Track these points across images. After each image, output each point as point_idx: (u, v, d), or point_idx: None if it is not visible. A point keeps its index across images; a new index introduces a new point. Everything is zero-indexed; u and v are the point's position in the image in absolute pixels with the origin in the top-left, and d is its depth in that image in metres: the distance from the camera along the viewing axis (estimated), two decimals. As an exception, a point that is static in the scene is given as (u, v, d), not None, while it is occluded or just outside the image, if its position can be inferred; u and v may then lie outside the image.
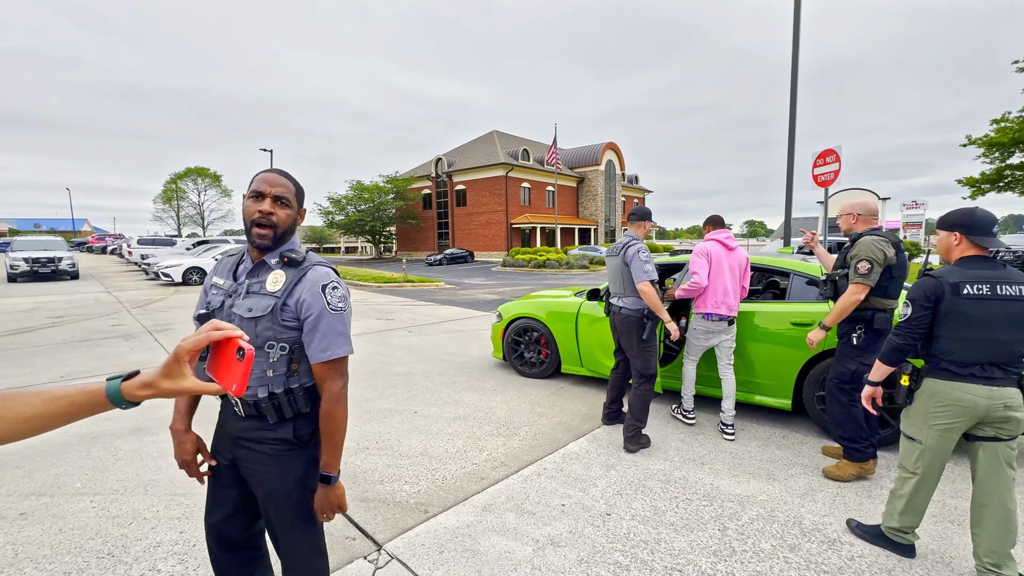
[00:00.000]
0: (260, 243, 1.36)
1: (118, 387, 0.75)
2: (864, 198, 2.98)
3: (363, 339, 7.40)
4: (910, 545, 2.19)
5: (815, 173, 7.40)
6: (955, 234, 2.06)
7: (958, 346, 1.97)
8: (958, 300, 1.95)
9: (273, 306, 1.33)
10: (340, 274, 1.47)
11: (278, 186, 1.35)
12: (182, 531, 2.43)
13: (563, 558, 2.21)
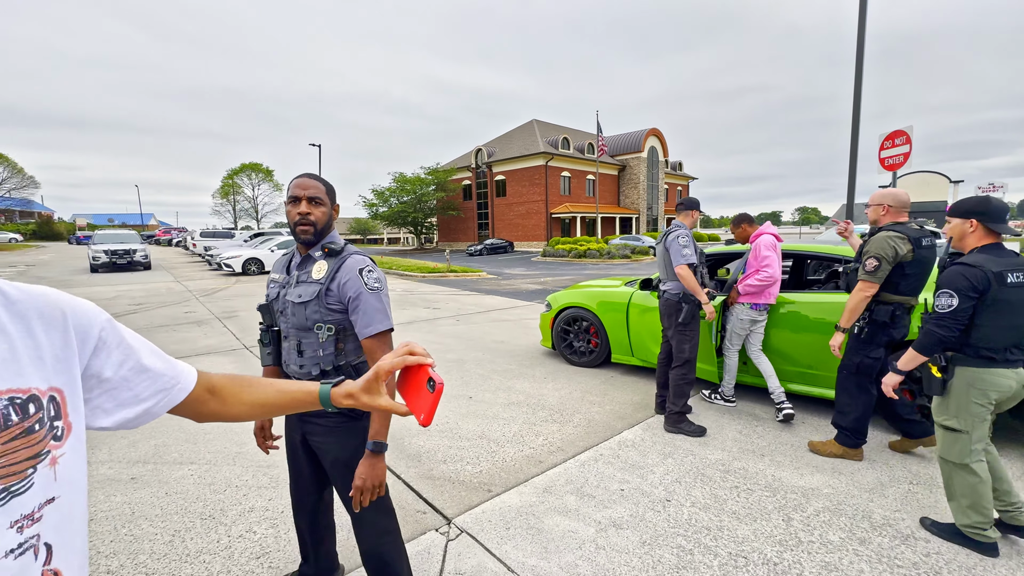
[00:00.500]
0: (304, 239, 1.55)
1: (328, 392, 0.81)
2: (896, 190, 2.87)
3: (413, 327, 7.66)
4: (992, 543, 2.11)
5: (882, 156, 6.97)
6: (971, 221, 2.11)
7: (996, 333, 2.03)
8: (1004, 288, 2.00)
9: (319, 291, 1.52)
10: (378, 263, 1.64)
11: (310, 188, 1.53)
12: (271, 498, 2.67)
13: (626, 539, 2.27)
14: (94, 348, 0.64)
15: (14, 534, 0.51)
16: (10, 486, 0.52)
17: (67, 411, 0.60)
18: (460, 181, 44.11)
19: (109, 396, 0.66)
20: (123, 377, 0.67)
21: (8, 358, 0.54)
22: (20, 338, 0.56)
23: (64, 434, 0.59)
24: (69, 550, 0.59)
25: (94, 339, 0.64)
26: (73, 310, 0.63)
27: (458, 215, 43.53)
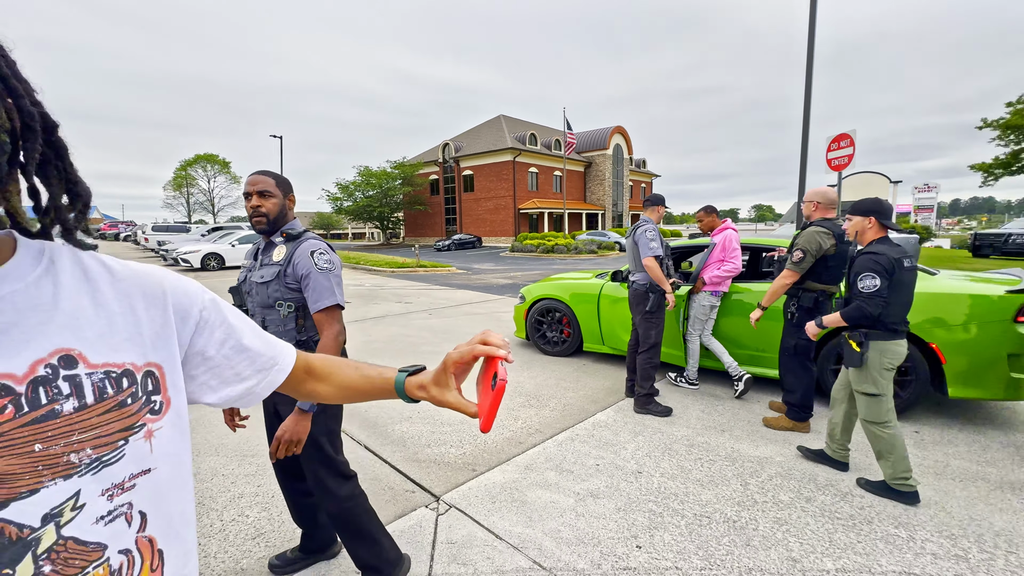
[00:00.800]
0: (259, 229, 1.75)
1: (403, 381, 0.77)
2: (825, 188, 3.27)
3: (386, 321, 7.68)
4: (913, 492, 2.44)
5: (829, 157, 7.51)
6: (870, 219, 2.53)
7: (897, 310, 2.45)
8: (902, 272, 2.42)
9: (278, 272, 1.72)
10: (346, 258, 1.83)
11: (259, 183, 1.71)
12: (259, 484, 2.73)
13: (603, 507, 2.48)
14: (195, 327, 0.65)
15: (105, 502, 0.53)
16: (102, 456, 0.53)
17: (166, 386, 0.61)
18: (427, 176, 43.69)
19: (213, 374, 0.68)
20: (225, 356, 0.69)
21: (106, 332, 0.56)
22: (121, 314, 0.58)
23: (163, 408, 0.60)
24: (164, 519, 0.60)
25: (195, 318, 0.65)
26: (174, 289, 0.64)
27: (425, 210, 43.14)
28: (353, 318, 7.93)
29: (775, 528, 2.29)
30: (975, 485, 2.63)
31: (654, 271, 3.65)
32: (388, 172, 39.95)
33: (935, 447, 3.08)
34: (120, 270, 0.61)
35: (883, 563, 2.04)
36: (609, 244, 27.05)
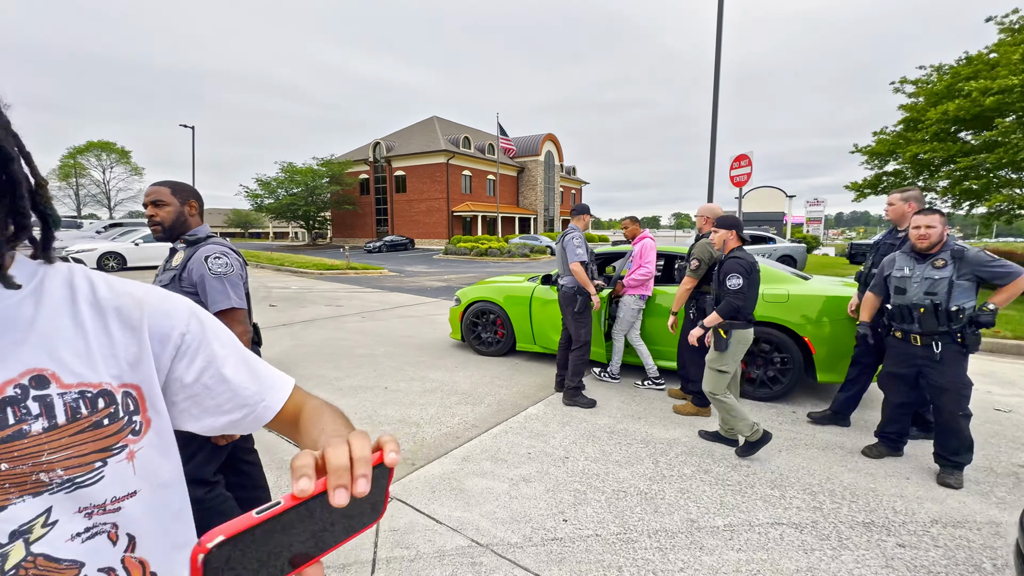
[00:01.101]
0: (157, 237, 1.86)
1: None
2: (713, 205, 3.92)
3: (316, 325, 7.50)
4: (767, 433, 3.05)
5: (731, 174, 8.45)
6: (731, 232, 3.16)
7: (751, 304, 3.07)
8: (755, 273, 3.05)
9: (174, 276, 1.79)
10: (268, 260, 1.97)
11: (152, 194, 1.82)
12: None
13: (534, 489, 2.74)
14: (176, 351, 0.62)
15: (81, 519, 0.52)
16: (75, 477, 0.52)
17: (146, 407, 0.59)
18: (357, 174, 42.29)
19: (193, 402, 0.64)
20: (204, 385, 0.64)
21: (83, 352, 0.55)
22: (95, 334, 0.57)
23: (143, 429, 0.59)
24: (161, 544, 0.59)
25: (175, 342, 0.62)
26: (154, 311, 0.62)
27: (355, 210, 41.72)
28: (280, 322, 7.65)
29: (679, 496, 2.67)
30: (833, 452, 3.22)
31: (580, 275, 3.99)
32: (315, 170, 38.21)
33: (807, 423, 3.68)
34: (101, 288, 0.60)
35: (760, 517, 2.48)
36: (541, 248, 27.85)
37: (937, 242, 2.78)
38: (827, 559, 2.16)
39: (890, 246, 3.36)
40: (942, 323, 2.71)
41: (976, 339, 2.72)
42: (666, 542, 2.28)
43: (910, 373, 2.93)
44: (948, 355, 2.75)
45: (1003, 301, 2.72)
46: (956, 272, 2.70)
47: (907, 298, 2.84)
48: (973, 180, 9.83)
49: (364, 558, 2.15)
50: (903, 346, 2.91)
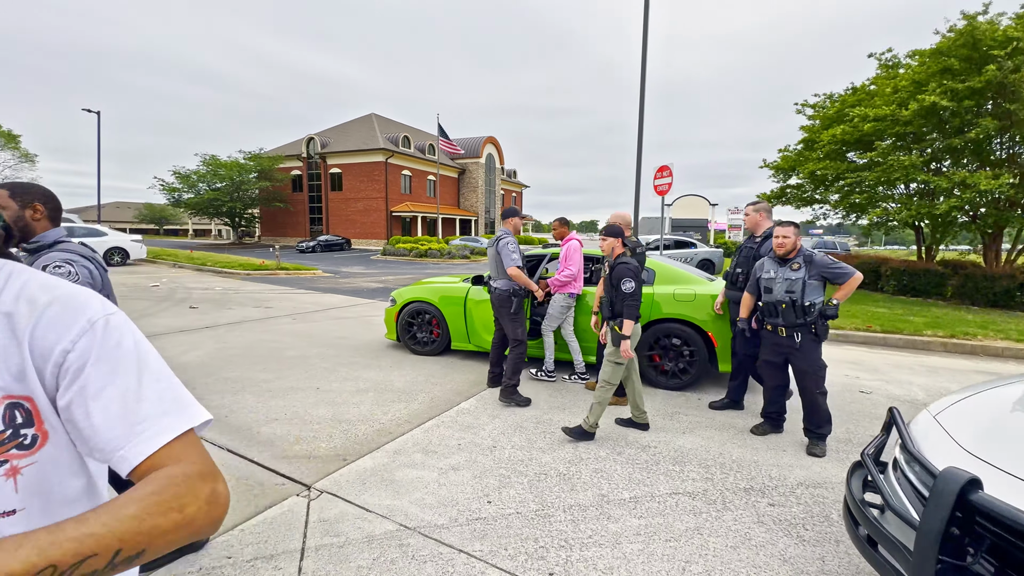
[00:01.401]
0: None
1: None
2: (623, 212, 4.41)
3: (243, 327, 7.20)
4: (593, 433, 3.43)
5: (655, 184, 9.10)
6: (619, 240, 3.52)
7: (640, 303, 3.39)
8: (640, 276, 3.38)
9: None
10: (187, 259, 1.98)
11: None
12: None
13: (462, 476, 2.91)
14: (57, 371, 0.56)
15: None
16: None
17: (40, 420, 0.55)
18: (289, 171, 40.28)
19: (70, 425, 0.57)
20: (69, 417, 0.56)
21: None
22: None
23: (36, 443, 0.54)
24: None
25: (55, 360, 0.56)
26: (44, 322, 0.56)
27: (286, 208, 39.71)
28: (203, 324, 7.26)
29: (593, 475, 2.96)
30: (727, 432, 3.67)
31: (521, 278, 4.20)
32: (241, 164, 35.97)
33: (708, 410, 4.14)
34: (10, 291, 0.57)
35: (661, 489, 2.81)
36: (482, 249, 28.03)
37: (792, 249, 3.30)
38: (712, 519, 2.52)
39: (749, 249, 3.91)
40: (799, 316, 3.22)
41: (825, 329, 3.27)
42: (579, 515, 2.54)
43: (779, 360, 3.43)
44: (806, 343, 3.26)
45: (842, 296, 3.28)
46: (807, 273, 3.22)
47: (773, 296, 3.33)
48: (857, 195, 11.25)
49: (292, 547, 2.22)
50: (772, 337, 3.41)
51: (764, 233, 3.89)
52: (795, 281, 3.26)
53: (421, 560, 2.16)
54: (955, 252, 13.99)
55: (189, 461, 0.57)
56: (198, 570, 2.07)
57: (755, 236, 3.95)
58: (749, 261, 3.89)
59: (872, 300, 10.31)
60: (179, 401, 0.61)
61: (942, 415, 1.90)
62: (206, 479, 0.56)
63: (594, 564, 2.16)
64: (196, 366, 5.09)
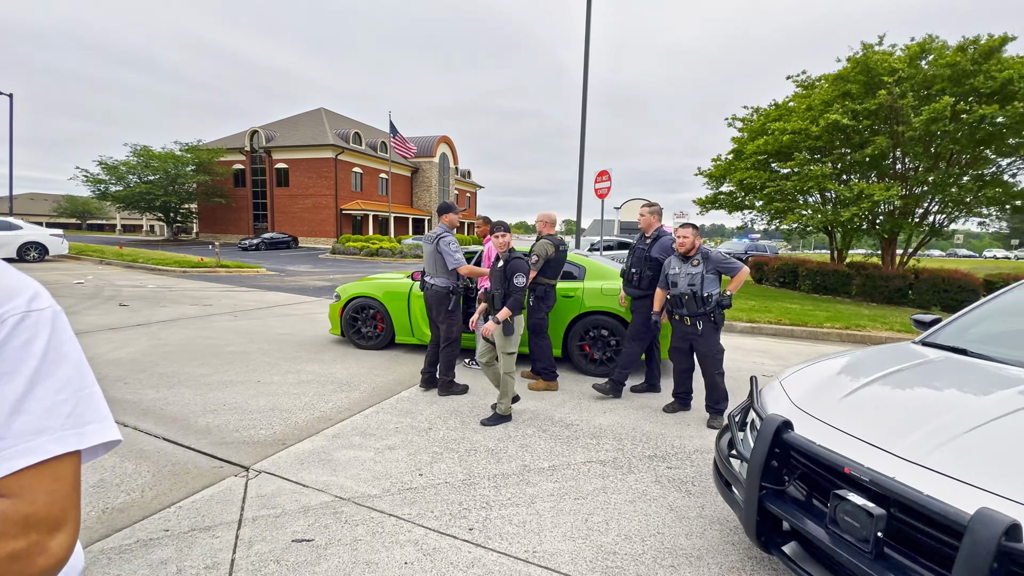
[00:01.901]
0: None
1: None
2: (549, 212, 4.72)
3: (179, 325, 7.02)
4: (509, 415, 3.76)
5: (595, 187, 9.63)
6: (509, 235, 3.85)
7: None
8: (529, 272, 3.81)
9: None
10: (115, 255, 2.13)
11: None
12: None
13: (397, 455, 3.14)
14: None
15: None
16: None
17: None
18: (230, 164, 38.37)
19: None
20: None
21: None
22: None
23: None
24: None
25: None
26: None
27: (227, 203, 37.79)
28: (135, 322, 7.01)
29: (519, 450, 3.27)
30: (643, 411, 4.09)
31: (473, 271, 4.37)
32: (177, 156, 33.93)
33: (631, 393, 4.57)
34: None
35: (577, 459, 3.16)
36: (434, 249, 27.96)
37: (691, 247, 3.76)
38: (617, 480, 2.89)
39: (641, 250, 4.31)
40: (699, 306, 3.69)
41: (722, 317, 3.76)
42: (501, 482, 2.83)
43: (685, 346, 3.89)
44: (706, 330, 3.73)
45: (734, 287, 3.80)
46: (705, 268, 3.70)
47: (678, 289, 3.78)
48: (778, 202, 12.34)
49: (230, 519, 2.38)
50: (680, 326, 3.86)
51: (653, 234, 4.30)
52: (695, 275, 3.72)
53: (353, 524, 2.38)
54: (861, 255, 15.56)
55: (27, 500, 0.49)
56: (135, 542, 2.19)
57: (646, 236, 4.34)
58: (641, 261, 4.25)
59: (789, 297, 11.37)
60: (76, 418, 0.54)
61: (785, 380, 2.34)
62: (31, 528, 0.49)
63: (509, 520, 2.46)
64: (128, 362, 4.98)
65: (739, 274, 3.78)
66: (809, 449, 1.73)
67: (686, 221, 3.94)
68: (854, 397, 2.01)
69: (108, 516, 2.38)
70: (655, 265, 4.16)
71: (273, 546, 2.19)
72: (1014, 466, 1.42)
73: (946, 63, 9.24)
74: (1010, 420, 1.62)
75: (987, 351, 2.32)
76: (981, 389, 1.92)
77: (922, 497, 1.37)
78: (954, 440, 1.57)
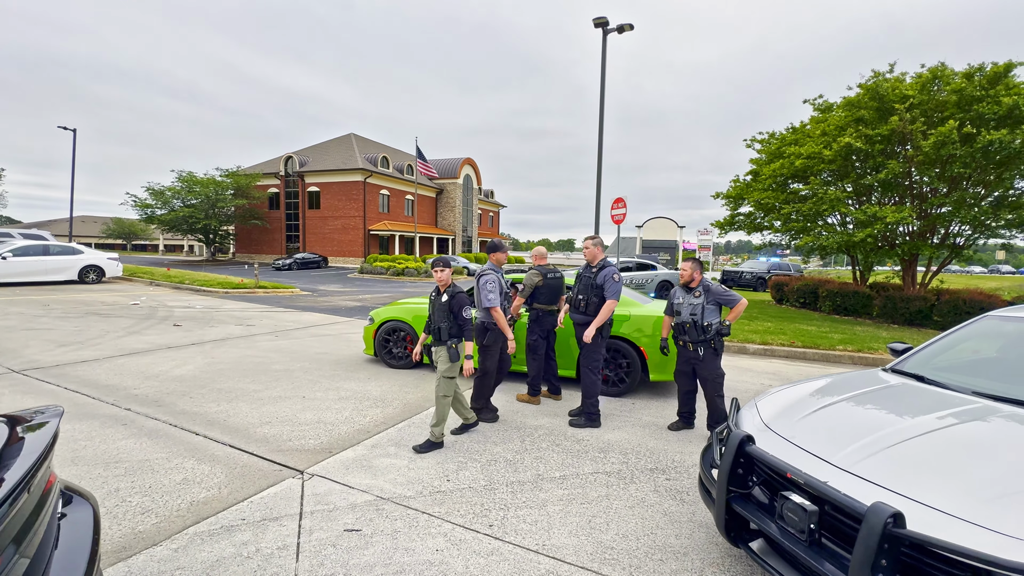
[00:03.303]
0: None
1: None
2: (540, 247, 5.19)
3: (228, 344, 7.71)
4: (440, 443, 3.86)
5: (612, 214, 10.07)
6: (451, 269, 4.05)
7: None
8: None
9: None
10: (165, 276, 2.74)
11: None
12: (135, 480, 3.19)
13: (427, 463, 3.61)
14: None
15: None
16: None
17: None
18: (266, 188, 40.42)
19: None
20: None
21: None
22: None
23: None
24: None
25: None
26: None
27: (263, 225, 39.69)
28: (189, 341, 7.74)
29: (534, 461, 3.69)
30: (649, 429, 4.46)
31: (499, 320, 4.30)
32: (218, 181, 36.01)
33: (641, 411, 4.94)
34: None
35: (586, 470, 3.57)
36: (458, 268, 28.74)
37: (691, 279, 4.16)
38: (620, 489, 3.28)
39: (587, 278, 4.45)
40: (700, 334, 4.07)
41: (721, 344, 4.12)
42: (518, 488, 3.26)
43: (688, 369, 4.26)
44: (707, 356, 4.10)
45: (733, 318, 4.16)
46: (706, 299, 4.08)
47: (682, 318, 4.18)
48: (795, 223, 12.51)
49: (292, 512, 2.88)
50: (684, 351, 4.25)
51: (599, 264, 4.48)
52: (696, 305, 4.11)
53: (393, 518, 2.85)
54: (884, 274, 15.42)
55: None
56: (220, 528, 2.71)
57: (591, 266, 4.52)
58: (588, 288, 4.41)
59: (807, 319, 11.46)
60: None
61: (760, 401, 2.72)
62: None
63: (524, 519, 2.88)
64: (190, 379, 5.63)
65: (737, 306, 4.15)
66: (763, 458, 2.13)
67: (694, 257, 4.38)
68: (813, 416, 2.39)
69: (195, 507, 2.92)
70: (599, 292, 4.36)
71: (329, 533, 2.67)
72: (916, 472, 1.80)
73: (953, 89, 9.42)
74: (927, 437, 1.99)
75: (940, 378, 2.66)
76: (918, 411, 2.27)
77: (838, 495, 1.76)
78: (879, 452, 1.95)
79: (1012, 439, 1.99)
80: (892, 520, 1.56)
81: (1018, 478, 1.69)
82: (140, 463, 3.45)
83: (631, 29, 11.10)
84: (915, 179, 11.01)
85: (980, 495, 1.63)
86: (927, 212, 10.64)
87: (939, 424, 2.08)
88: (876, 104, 10.28)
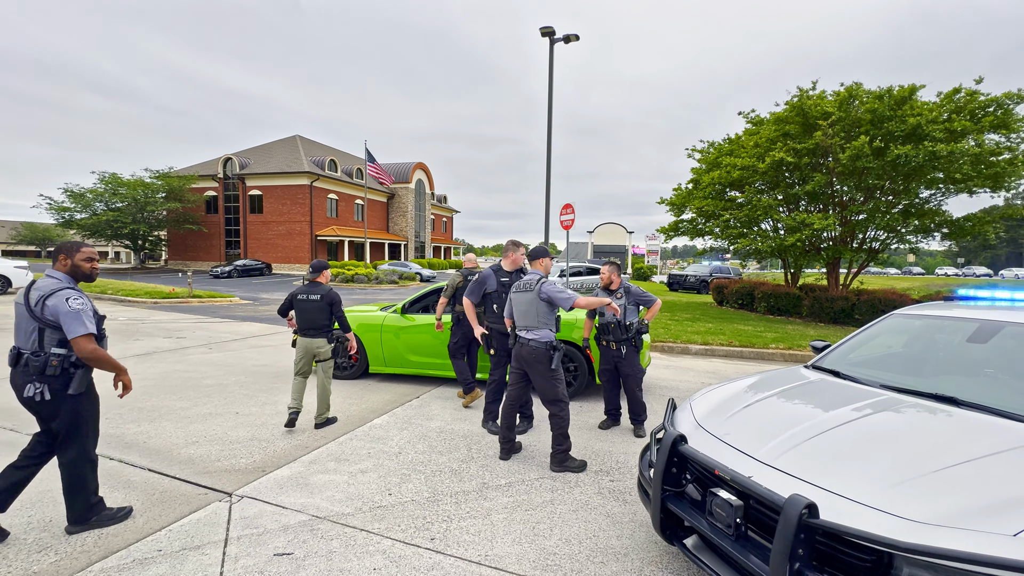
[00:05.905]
0: None
1: None
2: (471, 255, 5.42)
3: (154, 358, 7.15)
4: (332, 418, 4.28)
5: (561, 219, 10.24)
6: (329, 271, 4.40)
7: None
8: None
9: None
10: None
11: None
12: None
13: (369, 477, 3.47)
14: None
15: None
16: None
17: None
18: (203, 191, 38.07)
19: None
20: None
21: None
22: None
23: None
24: None
25: None
26: None
27: (199, 230, 37.33)
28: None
29: (480, 470, 3.64)
30: (596, 431, 4.51)
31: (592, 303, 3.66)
32: (147, 183, 33.56)
33: (587, 414, 5.00)
34: None
35: (532, 476, 3.55)
36: (410, 275, 28.22)
37: (610, 281, 4.35)
38: (564, 494, 3.29)
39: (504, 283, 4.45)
40: (623, 333, 4.22)
41: (640, 341, 4.36)
42: (462, 499, 3.20)
43: (611, 367, 4.43)
44: (628, 353, 4.28)
45: (650, 317, 4.47)
46: (627, 301, 4.27)
47: (605, 318, 4.34)
48: (732, 229, 13.24)
49: (217, 539, 2.67)
50: (607, 351, 4.41)
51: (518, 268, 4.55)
52: (619, 306, 4.25)
53: (328, 538, 2.70)
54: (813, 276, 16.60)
55: None
56: (132, 561, 2.47)
57: (520, 271, 4.52)
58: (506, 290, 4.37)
59: (745, 319, 12.11)
60: None
61: (694, 400, 2.82)
62: None
63: (467, 530, 2.82)
64: (106, 398, 5.11)
65: (653, 306, 4.42)
66: (694, 457, 2.19)
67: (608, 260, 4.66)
68: (741, 414, 2.50)
69: (104, 540, 2.65)
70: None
71: (257, 560, 2.50)
72: (830, 463, 1.91)
73: (867, 108, 10.37)
74: (840, 430, 2.12)
75: (854, 373, 2.85)
76: (833, 405, 2.42)
77: (760, 488, 1.84)
78: (798, 446, 2.06)
79: (913, 428, 2.16)
80: (807, 511, 1.64)
81: (917, 464, 1.83)
82: (39, 495, 3.09)
83: (577, 40, 11.38)
84: (836, 188, 11.95)
85: (884, 481, 1.75)
86: (847, 219, 11.57)
87: (851, 416, 2.22)
88: (801, 120, 11.10)
